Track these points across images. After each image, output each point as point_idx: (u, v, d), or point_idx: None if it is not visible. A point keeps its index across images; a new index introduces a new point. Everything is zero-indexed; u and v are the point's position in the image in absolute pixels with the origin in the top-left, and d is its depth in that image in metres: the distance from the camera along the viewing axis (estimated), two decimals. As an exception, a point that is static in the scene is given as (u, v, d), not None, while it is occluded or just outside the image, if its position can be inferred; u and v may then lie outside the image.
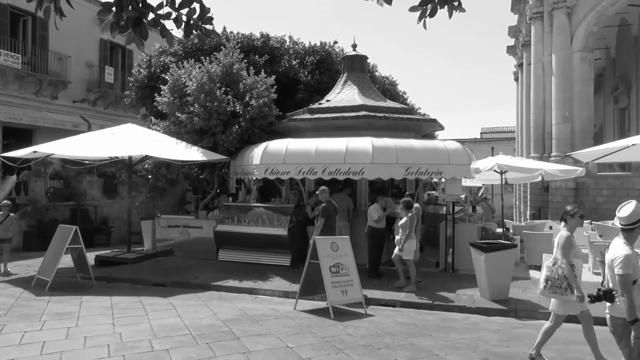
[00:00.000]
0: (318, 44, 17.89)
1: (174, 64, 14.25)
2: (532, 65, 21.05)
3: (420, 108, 25.08)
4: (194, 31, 3.06)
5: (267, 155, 10.99)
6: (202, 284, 9.88)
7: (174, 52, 16.15)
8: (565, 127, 18.65)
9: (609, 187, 17.24)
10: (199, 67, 12.81)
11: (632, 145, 11.08)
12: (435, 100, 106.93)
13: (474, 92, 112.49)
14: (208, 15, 3.03)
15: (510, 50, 32.46)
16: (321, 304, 8.08)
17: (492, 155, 23.93)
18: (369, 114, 11.68)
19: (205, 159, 12.35)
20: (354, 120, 11.74)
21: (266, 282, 9.88)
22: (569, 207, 5.62)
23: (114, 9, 2.90)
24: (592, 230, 13.38)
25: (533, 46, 20.86)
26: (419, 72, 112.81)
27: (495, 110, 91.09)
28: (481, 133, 48.49)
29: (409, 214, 9.24)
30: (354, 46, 13.63)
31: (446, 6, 2.91)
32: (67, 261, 10.40)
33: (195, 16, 3.02)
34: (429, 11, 2.95)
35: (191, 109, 12.42)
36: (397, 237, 9.31)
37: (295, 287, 8.78)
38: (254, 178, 12.24)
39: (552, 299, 5.57)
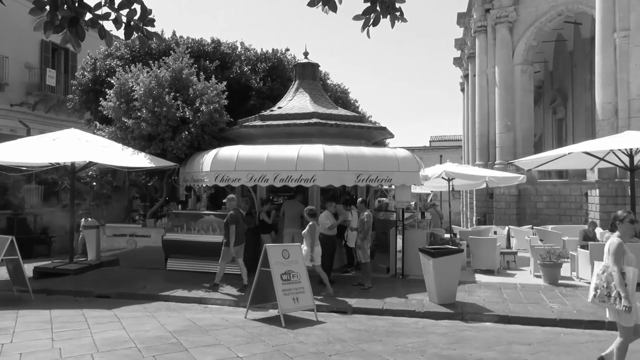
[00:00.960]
0: (270, 51, 17.88)
1: (120, 67, 13.82)
2: (477, 77, 21.92)
3: (371, 116, 25.52)
4: (134, 33, 2.96)
5: (217, 162, 10.83)
6: (149, 294, 9.56)
7: (120, 56, 15.67)
8: (508, 136, 19.50)
9: (548, 193, 18.13)
10: (147, 72, 12.48)
11: (568, 153, 11.78)
12: (387, 108, 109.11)
13: (424, 101, 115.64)
14: (150, 17, 2.94)
15: (457, 61, 33.70)
16: (272, 312, 8.00)
17: (441, 162, 24.71)
18: (321, 121, 11.76)
19: (153, 165, 12.02)
20: (306, 127, 11.78)
21: (217, 291, 9.69)
22: (619, 212, 5.26)
23: (47, 7, 2.77)
24: (533, 235, 14.03)
25: (477, 58, 21.73)
26: (370, 81, 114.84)
27: (444, 119, 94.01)
28: (430, 141, 49.90)
29: (310, 223, 9.23)
30: (306, 54, 13.71)
31: (388, 16, 2.97)
32: (2, 273, 9.80)
33: (135, 17, 2.93)
34: (372, 20, 3.01)
35: (138, 114, 12.07)
36: (304, 248, 9.11)
37: (246, 296, 8.66)
38: (204, 185, 12.03)
39: (607, 309, 5.14)
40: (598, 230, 12.20)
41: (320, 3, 2.95)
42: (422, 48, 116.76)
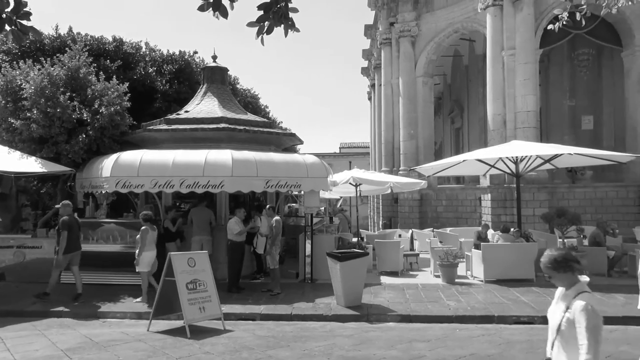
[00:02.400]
0: (177, 53, 17.35)
1: (7, 63, 12.64)
2: (383, 87, 22.89)
3: (281, 122, 25.65)
4: (7, 26, 2.72)
5: (118, 167, 10.25)
6: (40, 310, 8.79)
7: (7, 50, 14.33)
8: (411, 144, 20.54)
9: (447, 197, 19.33)
10: (39, 69, 11.54)
11: (463, 161, 12.65)
12: (298, 115, 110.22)
13: (334, 109, 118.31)
14: (25, 10, 2.72)
15: (365, 71, 34.96)
16: (178, 323, 7.72)
17: (350, 169, 25.37)
18: (230, 126, 11.60)
19: (45, 170, 11.11)
20: (214, 132, 11.55)
21: (117, 303, 9.15)
22: None
23: None
24: (433, 237, 14.87)
25: (383, 69, 22.70)
26: (282, 88, 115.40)
27: (354, 126, 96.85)
28: (340, 148, 51.16)
29: (142, 228, 9.17)
30: (215, 57, 13.47)
31: (282, 25, 3.02)
32: None
33: (8, 10, 2.69)
34: (266, 28, 3.03)
35: (28, 114, 11.11)
36: (136, 252, 9.19)
37: (150, 308, 8.27)
38: (103, 192, 11.32)
39: None
40: (490, 232, 13.22)
41: (211, 8, 2.92)
42: (333, 57, 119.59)
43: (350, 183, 14.64)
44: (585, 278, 2.99)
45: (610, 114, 19.40)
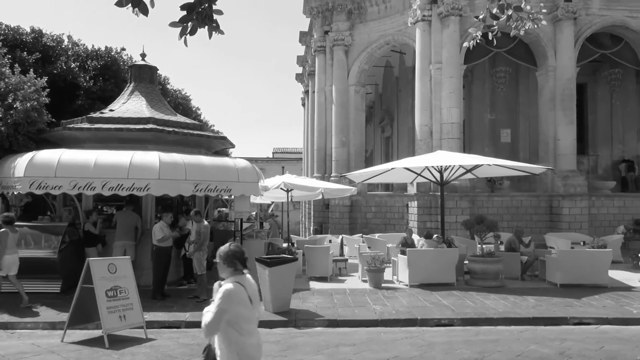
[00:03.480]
0: (103, 49, 16.56)
1: None
2: (316, 94, 23.14)
3: (214, 125, 25.24)
4: None
5: (33, 166, 9.58)
6: (-64, 322, 8.00)
7: None
8: (342, 151, 20.89)
9: (376, 204, 19.83)
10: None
11: (392, 168, 13.05)
12: (233, 119, 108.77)
13: (269, 114, 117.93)
14: None
15: (299, 77, 35.19)
16: (96, 333, 7.31)
17: (283, 174, 25.39)
18: (158, 127, 11.22)
19: (-52, 168, 10.16)
20: (141, 133, 11.12)
21: (28, 313, 8.52)
22: None
23: None
24: (362, 243, 15.18)
25: (317, 76, 22.97)
26: (216, 91, 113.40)
27: (288, 132, 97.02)
28: (273, 153, 51.07)
29: (1, 230, 8.90)
30: (143, 55, 12.98)
31: (206, 27, 2.98)
32: None
33: None
34: (189, 29, 2.98)
35: None
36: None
37: (65, 317, 7.76)
38: (16, 193, 10.55)
39: None
40: (415, 237, 13.71)
41: (130, 4, 2.83)
42: (269, 62, 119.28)
43: (281, 188, 14.64)
44: (248, 276, 3.56)
45: (526, 128, 20.83)
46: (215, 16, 2.98)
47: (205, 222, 10.14)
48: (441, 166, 12.42)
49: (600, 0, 17.98)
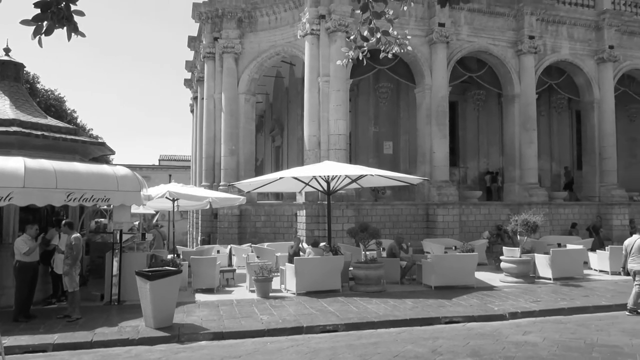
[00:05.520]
0: (-42, 40, 14.62)
1: None
2: (205, 100, 22.60)
3: (92, 130, 23.54)
4: None
5: None
6: None
7: None
8: (232, 159, 20.61)
9: (266, 213, 19.82)
10: None
11: (280, 178, 13.17)
12: (117, 124, 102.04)
13: (155, 120, 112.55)
14: None
15: (187, 83, 34.09)
16: (-61, 364, 6.37)
17: (170, 182, 24.36)
18: (23, 130, 10.19)
19: None
20: (3, 136, 10.04)
21: None
22: None
23: None
24: (251, 252, 15.08)
25: (206, 83, 22.46)
26: (100, 94, 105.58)
27: (176, 139, 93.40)
28: (160, 160, 48.74)
29: None
30: (7, 50, 11.72)
31: (65, 28, 2.79)
32: None
33: None
34: (44, 28, 2.76)
35: None
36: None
37: None
38: None
39: None
40: (304, 246, 13.93)
41: None
42: (157, 66, 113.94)
43: (167, 197, 14.03)
44: None
45: (406, 141, 22.29)
46: (75, 17, 2.76)
47: (76, 234, 9.36)
48: (328, 176, 12.81)
49: (469, 27, 19.93)
